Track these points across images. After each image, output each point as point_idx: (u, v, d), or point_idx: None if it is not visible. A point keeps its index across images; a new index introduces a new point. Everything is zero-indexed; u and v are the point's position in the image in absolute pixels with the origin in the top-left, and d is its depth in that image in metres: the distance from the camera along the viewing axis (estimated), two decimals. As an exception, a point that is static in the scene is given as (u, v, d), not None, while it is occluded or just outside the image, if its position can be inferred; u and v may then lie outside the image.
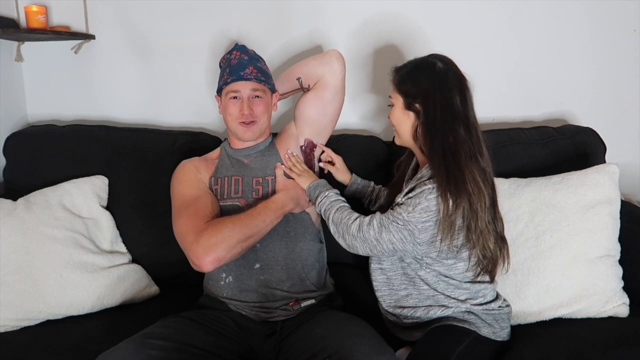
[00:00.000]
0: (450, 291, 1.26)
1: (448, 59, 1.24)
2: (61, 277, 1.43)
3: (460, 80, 1.22)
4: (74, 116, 2.01)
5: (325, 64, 1.47)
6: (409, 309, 1.29)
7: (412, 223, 1.16)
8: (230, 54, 1.46)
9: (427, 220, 1.16)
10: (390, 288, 1.32)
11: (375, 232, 1.20)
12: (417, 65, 1.25)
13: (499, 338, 1.26)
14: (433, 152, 1.19)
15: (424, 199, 1.15)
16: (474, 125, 1.21)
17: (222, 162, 1.49)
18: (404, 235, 1.18)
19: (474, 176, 1.15)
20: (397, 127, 1.29)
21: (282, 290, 1.37)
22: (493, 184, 1.23)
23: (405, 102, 1.24)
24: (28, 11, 1.76)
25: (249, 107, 1.41)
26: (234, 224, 1.28)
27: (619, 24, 1.85)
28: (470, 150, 1.18)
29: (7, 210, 1.49)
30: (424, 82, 1.22)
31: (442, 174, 1.15)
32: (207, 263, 1.23)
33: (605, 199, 1.40)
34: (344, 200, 1.35)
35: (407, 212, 1.16)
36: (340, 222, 1.27)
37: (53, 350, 1.30)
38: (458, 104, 1.19)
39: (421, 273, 1.26)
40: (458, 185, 1.13)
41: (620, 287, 1.38)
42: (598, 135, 1.70)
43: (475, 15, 1.85)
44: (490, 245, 1.20)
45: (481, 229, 1.17)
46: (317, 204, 1.36)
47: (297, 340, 1.24)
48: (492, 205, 1.22)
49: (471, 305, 1.25)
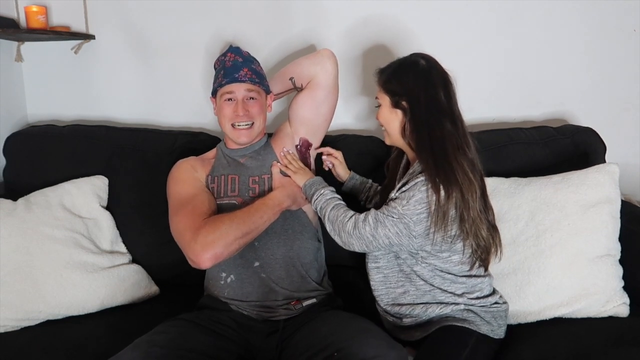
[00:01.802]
0: (446, 286, 1.27)
1: (430, 57, 1.28)
2: (61, 277, 1.43)
3: (443, 76, 1.25)
4: (74, 116, 2.01)
5: (317, 63, 1.47)
6: (407, 306, 1.29)
7: (407, 216, 1.18)
8: (224, 56, 1.46)
9: (421, 212, 1.17)
10: (387, 287, 1.32)
11: (370, 228, 1.21)
12: (400, 65, 1.28)
13: (497, 336, 1.27)
14: (421, 147, 1.21)
15: (418, 191, 1.17)
16: (459, 118, 1.24)
17: (219, 161, 1.49)
18: (400, 229, 1.19)
19: (463, 167, 1.18)
20: (385, 126, 1.31)
21: (282, 288, 1.37)
22: (482, 174, 1.25)
23: (392, 101, 1.26)
24: (28, 11, 1.76)
25: (243, 108, 1.41)
26: (232, 220, 1.28)
27: (619, 24, 1.85)
28: (457, 142, 1.21)
29: (7, 210, 1.50)
30: (408, 80, 1.24)
31: (431, 166, 1.17)
32: (205, 260, 1.24)
33: (606, 199, 1.40)
34: (339, 197, 1.36)
35: (402, 205, 1.18)
36: (336, 219, 1.28)
37: (53, 351, 1.30)
38: (443, 98, 1.22)
39: (417, 268, 1.27)
40: (448, 176, 1.16)
41: (620, 286, 1.38)
42: (598, 135, 1.70)
43: (474, 15, 1.85)
44: (483, 233, 1.22)
45: (473, 218, 1.19)
46: (312, 201, 1.37)
47: (303, 338, 1.24)
48: (482, 195, 1.24)
49: (468, 299, 1.26)
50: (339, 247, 1.30)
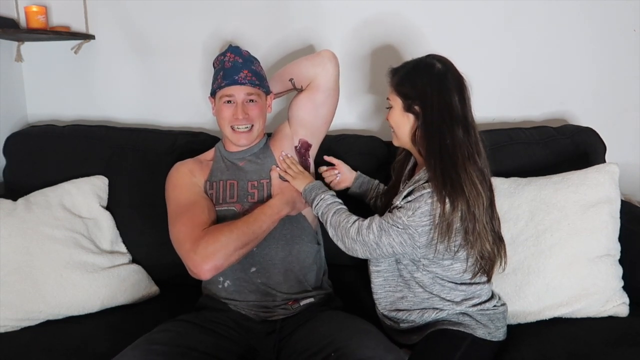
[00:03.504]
0: (445, 293, 1.26)
1: (446, 59, 1.24)
2: (61, 277, 1.43)
3: (458, 80, 1.21)
4: (74, 116, 2.01)
5: (317, 65, 1.44)
6: (404, 312, 1.29)
7: (412, 227, 1.16)
8: (223, 56, 1.42)
9: (426, 225, 1.16)
10: (386, 290, 1.32)
11: (375, 236, 1.20)
12: (415, 67, 1.25)
13: (495, 338, 1.26)
14: (430, 155, 1.18)
15: (424, 203, 1.15)
16: (472, 125, 1.21)
17: (217, 164, 1.48)
18: (404, 239, 1.18)
19: (471, 178, 1.16)
20: (395, 129, 1.28)
21: (280, 292, 1.36)
22: (490, 184, 1.23)
23: (404, 105, 1.23)
24: (28, 11, 1.76)
25: (243, 111, 1.39)
26: (231, 231, 1.27)
27: (619, 24, 1.84)
28: (468, 151, 1.18)
29: (7, 210, 1.49)
30: (423, 83, 1.21)
31: (439, 176, 1.15)
32: (205, 271, 1.24)
33: (606, 199, 1.40)
34: (340, 202, 1.34)
35: (407, 216, 1.16)
36: (339, 225, 1.26)
37: (53, 351, 1.30)
38: (457, 104, 1.19)
39: (417, 275, 1.26)
40: (455, 187, 1.14)
41: (620, 286, 1.38)
42: (598, 135, 1.70)
43: (474, 15, 1.85)
44: (487, 246, 1.20)
45: (479, 230, 1.17)
46: (313, 207, 1.35)
47: (301, 338, 1.23)
48: (490, 205, 1.22)
49: (466, 307, 1.25)
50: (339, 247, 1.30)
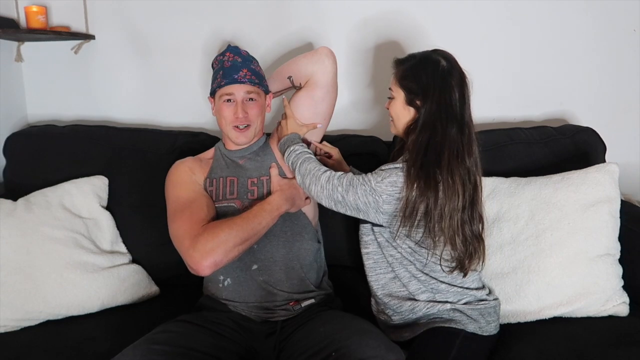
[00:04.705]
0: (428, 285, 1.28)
1: (451, 56, 1.26)
2: (61, 277, 1.43)
3: (461, 79, 1.23)
4: (74, 116, 2.01)
5: (315, 62, 1.44)
6: (397, 300, 1.30)
7: (377, 192, 1.20)
8: (223, 56, 1.43)
9: (392, 194, 1.19)
10: (377, 273, 1.33)
11: (342, 189, 1.24)
12: (421, 61, 1.26)
13: (485, 333, 1.27)
14: (418, 145, 1.21)
15: (394, 175, 1.20)
16: (467, 124, 1.23)
17: (217, 162, 1.48)
18: (369, 201, 1.21)
19: (452, 176, 1.18)
20: (395, 119, 1.31)
21: (282, 291, 1.36)
22: (476, 184, 1.25)
23: (407, 98, 1.26)
24: (28, 11, 1.76)
25: (243, 110, 1.40)
26: (231, 227, 1.27)
27: (619, 24, 1.85)
28: (458, 149, 1.20)
29: (7, 210, 1.49)
30: (427, 80, 1.23)
31: (417, 166, 1.18)
32: (205, 267, 1.24)
33: (606, 198, 1.40)
34: (311, 153, 1.37)
35: (376, 181, 1.21)
36: (309, 172, 1.30)
37: (53, 351, 1.30)
38: (456, 103, 1.21)
39: (398, 271, 1.29)
40: (428, 182, 1.17)
41: (620, 286, 1.38)
42: (598, 135, 1.70)
43: (475, 14, 1.85)
44: (457, 245, 1.21)
45: (444, 227, 1.19)
46: (285, 157, 1.38)
47: (301, 338, 1.23)
48: (471, 205, 1.23)
49: (456, 304, 1.27)
50: (339, 247, 1.30)
